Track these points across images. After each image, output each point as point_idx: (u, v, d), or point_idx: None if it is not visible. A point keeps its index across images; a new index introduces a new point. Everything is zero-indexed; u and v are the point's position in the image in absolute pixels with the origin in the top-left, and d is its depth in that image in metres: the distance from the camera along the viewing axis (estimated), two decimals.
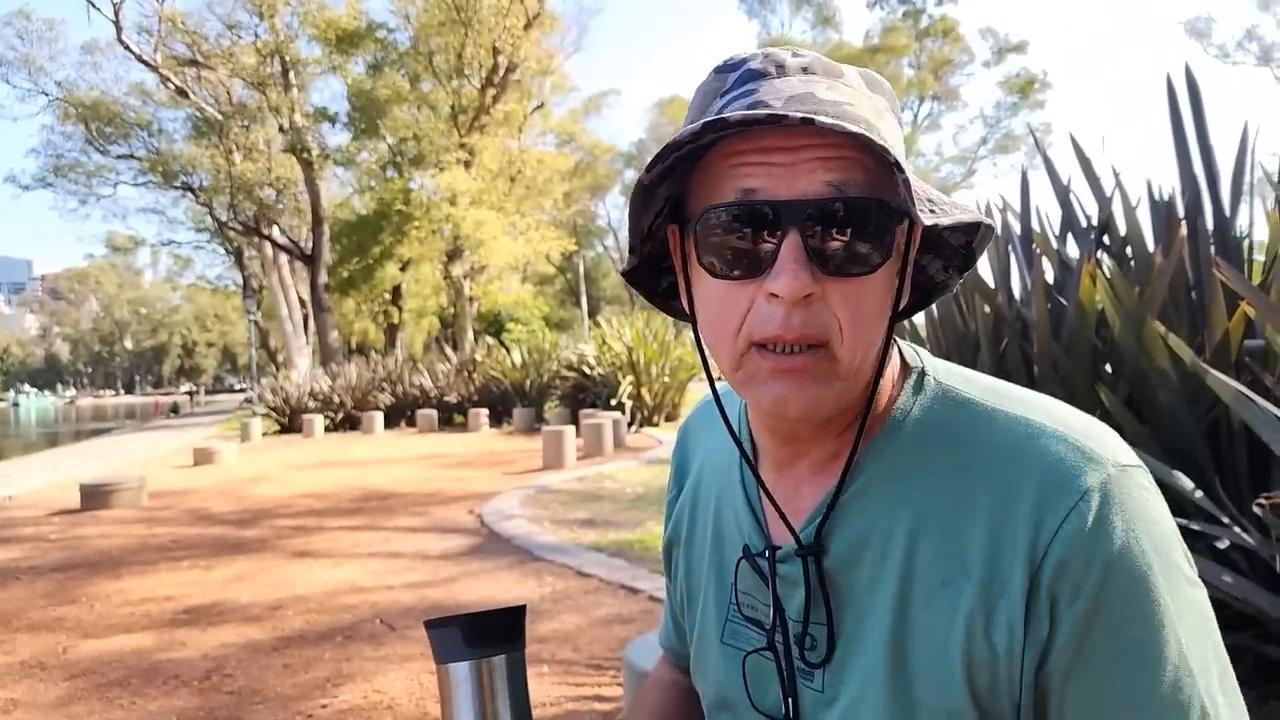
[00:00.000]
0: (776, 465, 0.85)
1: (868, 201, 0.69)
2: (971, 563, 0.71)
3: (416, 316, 39.87)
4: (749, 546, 0.86)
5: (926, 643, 0.72)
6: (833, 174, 0.69)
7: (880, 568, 0.76)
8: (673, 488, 1.06)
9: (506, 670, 0.73)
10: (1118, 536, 0.67)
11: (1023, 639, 0.68)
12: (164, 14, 32.04)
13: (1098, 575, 0.66)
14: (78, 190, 39.12)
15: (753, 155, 0.70)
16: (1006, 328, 3.24)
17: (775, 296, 0.69)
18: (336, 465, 14.69)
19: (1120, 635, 0.66)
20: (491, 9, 31.31)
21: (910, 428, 0.78)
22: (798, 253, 0.68)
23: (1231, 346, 2.59)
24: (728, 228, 0.71)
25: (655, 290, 0.91)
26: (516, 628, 0.74)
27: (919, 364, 0.82)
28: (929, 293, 0.88)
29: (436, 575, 6.56)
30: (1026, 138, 50.16)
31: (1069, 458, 0.70)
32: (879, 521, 0.77)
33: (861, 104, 0.72)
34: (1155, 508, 0.70)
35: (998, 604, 0.69)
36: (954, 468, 0.74)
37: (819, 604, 0.79)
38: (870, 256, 0.70)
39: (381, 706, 4.04)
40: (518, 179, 35.05)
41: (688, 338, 23.27)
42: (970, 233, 0.80)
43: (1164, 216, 3.10)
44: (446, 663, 0.72)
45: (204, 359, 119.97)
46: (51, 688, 4.50)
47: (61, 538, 8.80)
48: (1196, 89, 2.96)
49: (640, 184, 0.72)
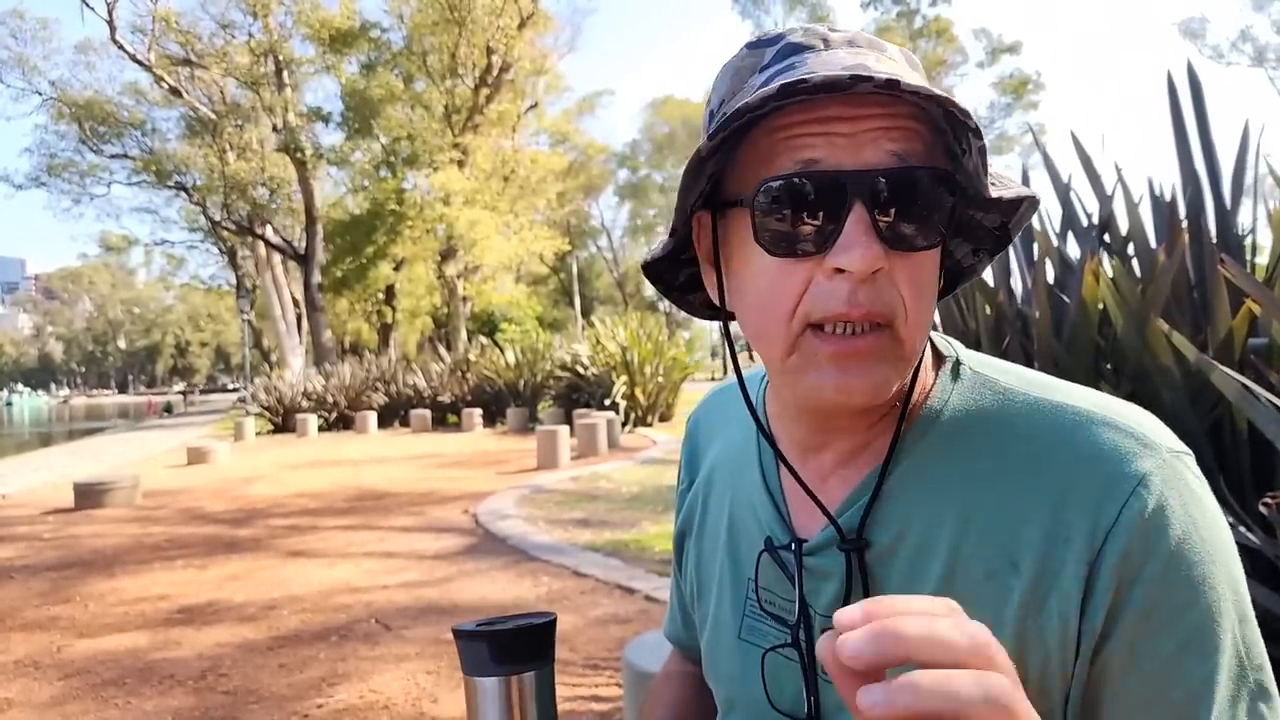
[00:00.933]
0: (800, 455, 0.82)
1: (935, 172, 0.67)
2: (1020, 555, 0.68)
3: (410, 316, 39.82)
4: (772, 539, 0.83)
5: None
6: (896, 144, 0.67)
7: (920, 561, 0.73)
8: (684, 479, 1.04)
9: (535, 687, 0.71)
10: (1178, 524, 0.65)
11: (1078, 630, 0.66)
12: (158, 13, 32.03)
13: (1160, 564, 0.64)
14: (71, 189, 39.15)
15: (813, 126, 0.67)
16: (1008, 326, 3.23)
17: (840, 272, 0.66)
18: (330, 465, 14.67)
19: (1182, 624, 0.64)
20: (485, 8, 31.34)
21: (948, 417, 0.76)
22: (866, 225, 0.65)
23: (1235, 344, 2.59)
24: (789, 200, 0.67)
25: (673, 284, 0.89)
26: (546, 641, 0.73)
27: (953, 353, 0.80)
28: (955, 278, 0.85)
29: (431, 575, 6.55)
30: (1020, 138, 50.30)
31: (1122, 444, 0.67)
32: (918, 513, 0.74)
33: (910, 78, 0.69)
34: (1207, 495, 0.68)
35: (1049, 595, 0.67)
36: (996, 458, 0.72)
37: (855, 596, 0.75)
38: (934, 230, 0.68)
39: (377, 706, 4.03)
40: (511, 179, 35.09)
41: (681, 338, 23.30)
42: (1008, 213, 0.78)
43: (1166, 214, 3.10)
44: (475, 676, 0.71)
45: (197, 359, 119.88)
46: (46, 687, 4.47)
47: (55, 537, 8.77)
48: (1198, 86, 2.96)
49: (698, 154, 0.68)
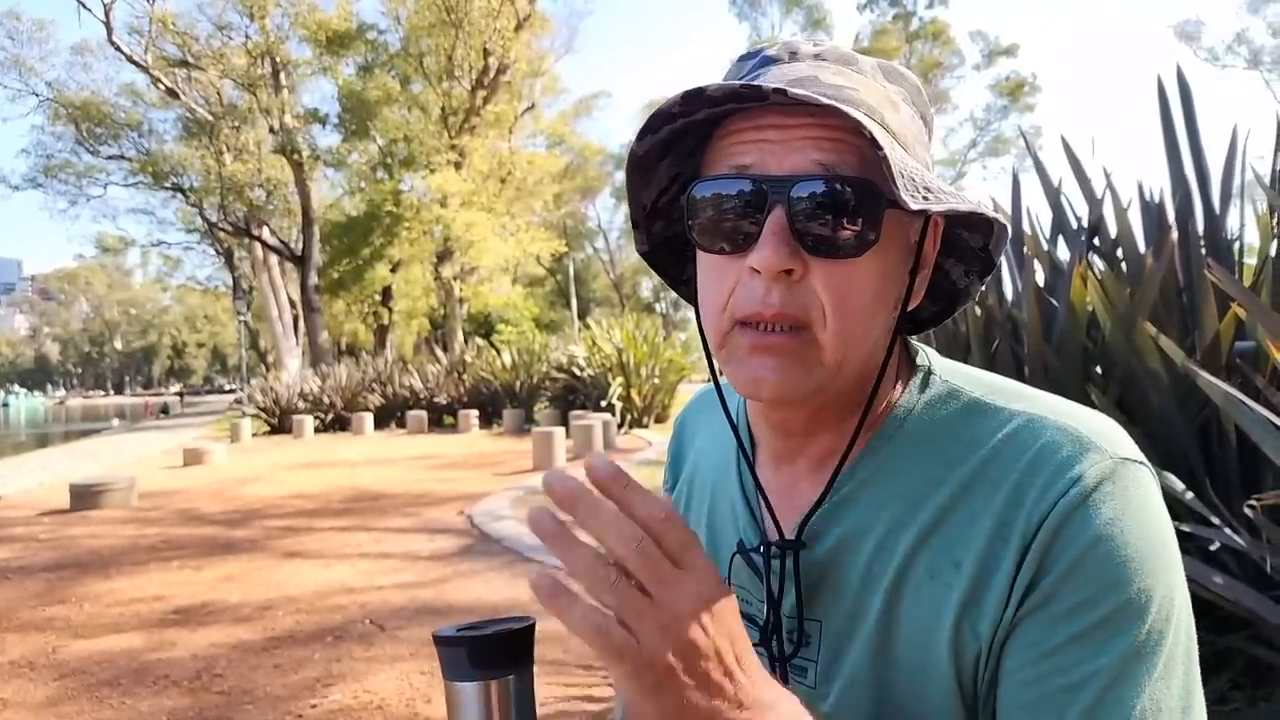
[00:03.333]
0: (775, 459, 0.85)
1: (855, 181, 0.69)
2: (963, 555, 0.70)
3: (406, 318, 39.77)
4: (743, 541, 0.85)
5: (910, 637, 0.72)
6: (824, 154, 0.69)
7: (874, 564, 0.75)
8: (668, 480, 1.06)
9: (514, 691, 0.72)
10: (1102, 524, 0.65)
11: (999, 620, 0.67)
12: (154, 15, 31.95)
13: (1071, 559, 0.65)
14: (68, 190, 39.05)
15: (749, 133, 0.71)
16: (998, 329, 3.25)
17: (756, 272, 0.69)
18: (326, 466, 14.65)
19: (1078, 620, 0.65)
20: (482, 10, 31.29)
21: (912, 425, 0.78)
22: (779, 227, 0.68)
23: (1223, 348, 2.60)
24: (715, 201, 0.71)
25: (679, 278, 0.91)
26: (525, 646, 0.74)
27: (926, 363, 0.82)
28: (954, 299, 0.87)
29: (426, 576, 6.55)
30: (1016, 140, 50.29)
31: (1069, 447, 0.69)
32: (874, 519, 0.76)
33: (869, 91, 0.72)
34: (1150, 504, 0.69)
35: (986, 593, 0.68)
36: (954, 463, 0.73)
37: (812, 595, 0.78)
38: (855, 239, 0.69)
39: (371, 707, 4.04)
40: (508, 180, 35.03)
41: (677, 339, 23.28)
42: (986, 234, 0.80)
43: (1155, 218, 3.12)
44: (454, 681, 0.72)
45: (194, 360, 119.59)
46: (41, 687, 4.48)
47: (51, 538, 8.76)
48: (1188, 91, 2.98)
49: (633, 154, 0.72)
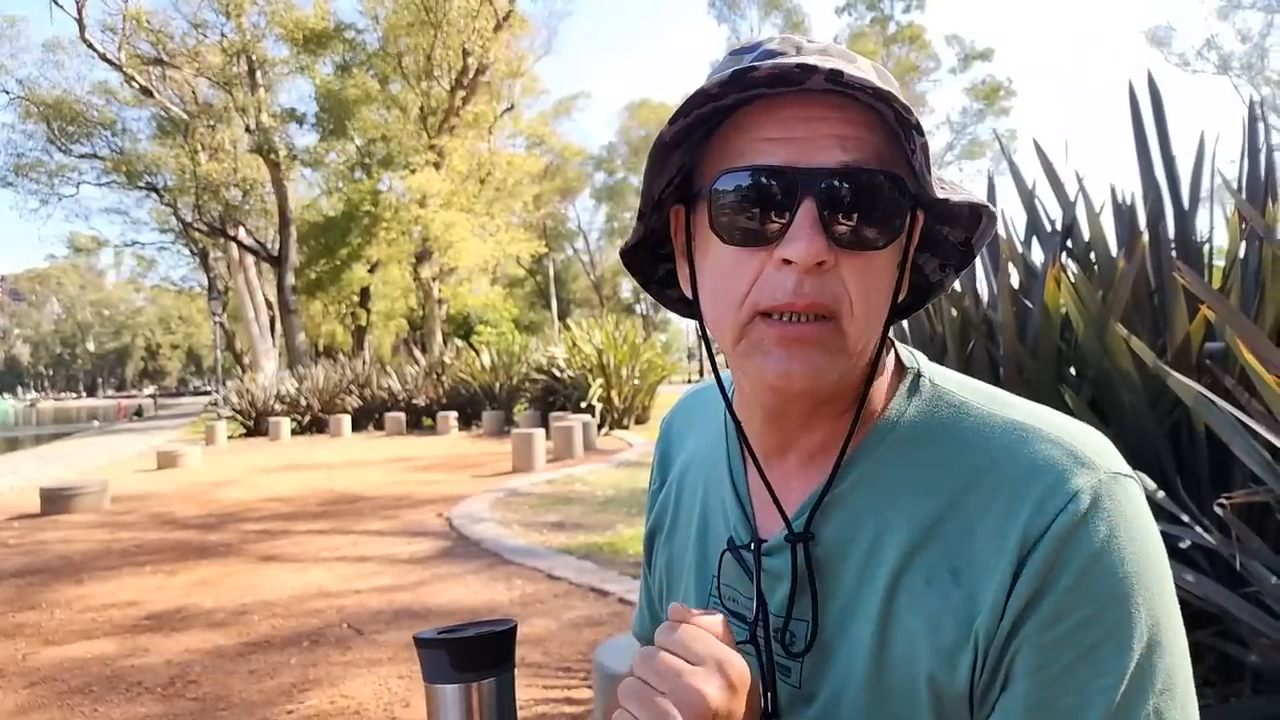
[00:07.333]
0: (765, 456, 0.85)
1: (885, 175, 0.70)
2: (960, 564, 0.70)
3: (385, 319, 39.64)
4: (734, 538, 0.85)
5: (906, 642, 0.72)
6: (848, 148, 0.70)
7: (868, 566, 0.75)
8: (656, 479, 1.06)
9: (495, 693, 0.72)
10: (1100, 541, 0.66)
11: (994, 632, 0.68)
12: (128, 12, 31.69)
13: (1073, 576, 0.66)
14: (39, 190, 38.53)
15: (771, 127, 0.71)
16: (973, 330, 3.28)
17: (788, 263, 0.69)
18: (303, 468, 14.57)
19: (1082, 639, 0.65)
20: (461, 10, 31.24)
21: (904, 427, 0.78)
22: (813, 220, 0.68)
23: (1193, 349, 2.64)
24: (744, 192, 0.71)
25: (651, 278, 0.91)
26: (507, 648, 0.74)
27: (915, 365, 0.83)
28: (925, 293, 0.88)
29: (405, 579, 6.52)
30: (992, 144, 50.67)
31: (1063, 461, 0.69)
32: (868, 519, 0.76)
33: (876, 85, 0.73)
34: (1143, 519, 0.69)
35: (982, 602, 0.68)
36: (946, 470, 0.74)
37: (804, 594, 0.78)
38: (881, 232, 0.71)
39: (349, 712, 4.01)
40: (487, 181, 34.98)
41: (657, 340, 23.30)
42: (970, 229, 0.81)
43: (1127, 221, 3.15)
44: (434, 683, 0.72)
45: (168, 361, 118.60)
46: (11, 695, 4.42)
47: (21, 543, 8.65)
48: (1158, 96, 3.01)
49: (661, 139, 0.72)
